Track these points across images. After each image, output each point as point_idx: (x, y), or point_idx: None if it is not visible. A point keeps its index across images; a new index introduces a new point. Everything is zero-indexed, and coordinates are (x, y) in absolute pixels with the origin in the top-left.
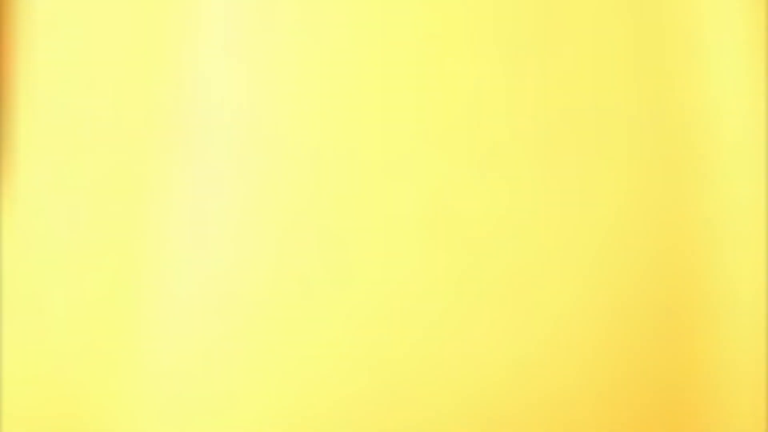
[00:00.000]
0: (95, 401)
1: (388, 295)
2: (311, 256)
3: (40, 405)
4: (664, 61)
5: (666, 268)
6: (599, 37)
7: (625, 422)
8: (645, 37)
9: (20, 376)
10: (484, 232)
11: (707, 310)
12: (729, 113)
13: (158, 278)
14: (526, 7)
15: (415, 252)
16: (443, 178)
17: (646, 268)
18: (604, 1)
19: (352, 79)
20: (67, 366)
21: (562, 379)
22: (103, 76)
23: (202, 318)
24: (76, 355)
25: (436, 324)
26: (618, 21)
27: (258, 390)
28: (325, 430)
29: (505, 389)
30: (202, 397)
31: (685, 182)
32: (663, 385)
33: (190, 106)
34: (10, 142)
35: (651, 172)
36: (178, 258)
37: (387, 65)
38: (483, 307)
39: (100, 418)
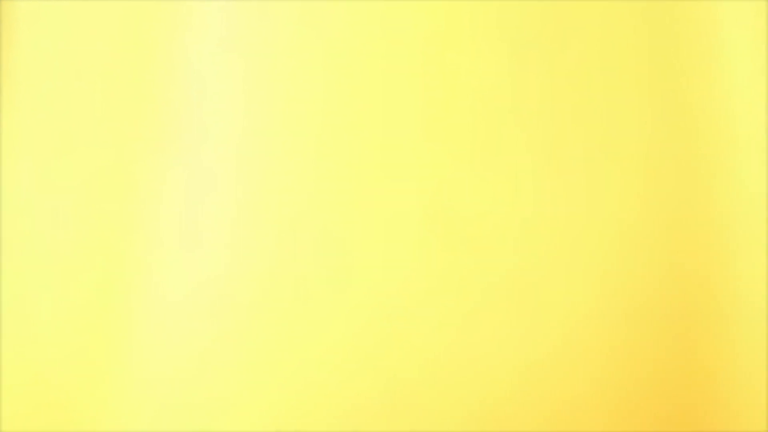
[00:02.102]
0: (84, 407)
1: (388, 297)
2: (309, 257)
3: (28, 411)
4: (676, 57)
5: (677, 269)
6: (608, 33)
7: (636, 429)
8: (656, 33)
9: (6, 381)
10: (489, 232)
11: (720, 312)
12: (742, 111)
13: (149, 280)
14: (533, 1)
15: (417, 253)
16: (446, 177)
17: (657, 270)
18: None
19: (351, 75)
20: (55, 371)
21: (570, 386)
22: (92, 71)
23: (195, 321)
24: (63, 360)
25: (439, 328)
26: (627, 17)
27: (253, 396)
28: None
29: (510, 394)
30: (195, 403)
31: (697, 182)
32: (675, 390)
33: (183, 101)
34: None
35: (661, 172)
36: (170, 259)
37: (387, 60)
38: (487, 310)
39: (89, 423)
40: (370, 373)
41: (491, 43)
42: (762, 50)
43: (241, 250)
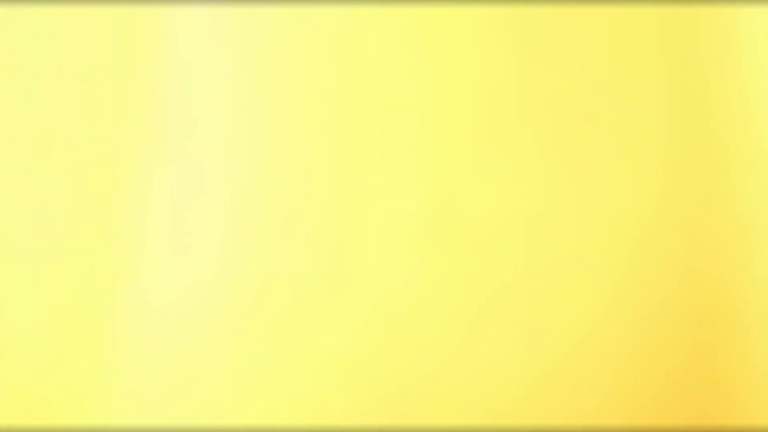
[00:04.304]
0: (67, 413)
1: (387, 301)
2: (304, 259)
3: (9, 417)
4: (691, 53)
5: (694, 272)
6: (622, 24)
7: None
8: (672, 25)
9: None
10: (495, 232)
11: (739, 317)
12: (758, 109)
13: (137, 283)
14: None
15: (418, 254)
16: (449, 176)
17: (671, 274)
18: None
19: (349, 69)
20: (38, 377)
21: (580, 393)
22: (78, 68)
23: (184, 326)
24: (46, 366)
25: (442, 334)
26: (640, 9)
27: (245, 404)
28: None
29: (518, 403)
30: (184, 409)
31: (712, 182)
32: (691, 394)
33: (172, 99)
34: None
35: (675, 172)
36: (158, 261)
37: (387, 55)
38: (493, 315)
39: (73, 429)
40: (368, 377)
41: (498, 36)
42: None
43: (233, 253)
